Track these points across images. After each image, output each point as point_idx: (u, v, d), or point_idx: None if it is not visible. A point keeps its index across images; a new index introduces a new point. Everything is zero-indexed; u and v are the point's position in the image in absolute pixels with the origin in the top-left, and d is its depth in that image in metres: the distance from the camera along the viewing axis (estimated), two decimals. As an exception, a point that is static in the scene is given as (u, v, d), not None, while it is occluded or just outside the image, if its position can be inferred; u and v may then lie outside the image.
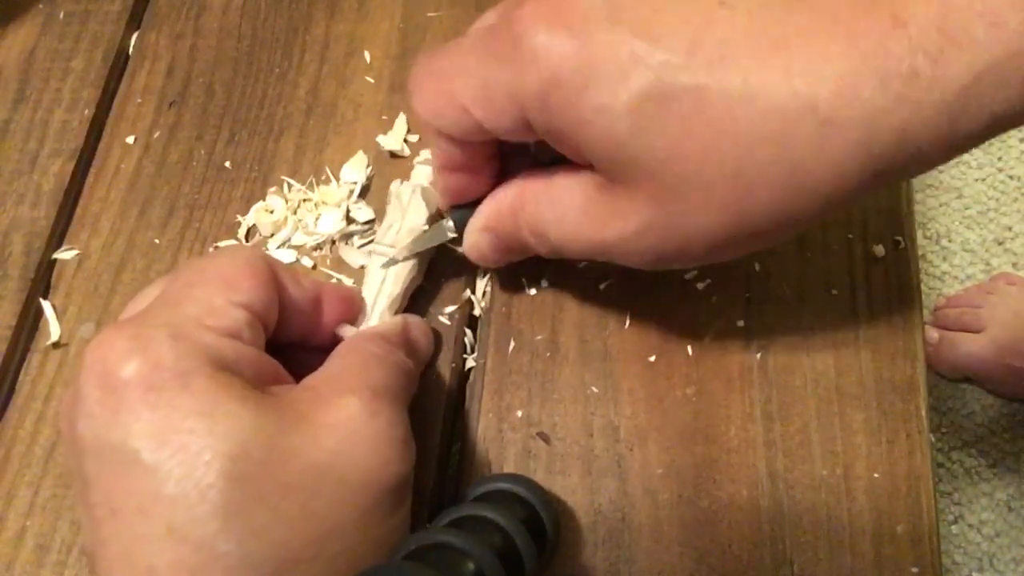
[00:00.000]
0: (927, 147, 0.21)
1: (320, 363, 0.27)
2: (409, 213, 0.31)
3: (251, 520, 0.21)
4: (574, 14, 0.22)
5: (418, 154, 0.36)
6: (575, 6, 0.22)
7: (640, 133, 0.22)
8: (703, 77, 0.21)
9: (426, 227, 0.31)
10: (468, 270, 0.33)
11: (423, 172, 0.34)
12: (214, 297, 0.25)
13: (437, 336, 0.32)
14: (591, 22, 0.22)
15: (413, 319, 0.31)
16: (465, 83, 0.25)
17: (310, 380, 0.26)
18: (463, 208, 0.29)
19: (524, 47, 0.23)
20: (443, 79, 0.25)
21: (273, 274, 0.27)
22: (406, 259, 0.31)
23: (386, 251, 0.31)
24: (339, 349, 0.27)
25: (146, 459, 0.21)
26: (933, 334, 0.96)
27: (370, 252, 0.32)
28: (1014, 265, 1.03)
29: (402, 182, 0.33)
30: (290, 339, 0.28)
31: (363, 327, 0.30)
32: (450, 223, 0.30)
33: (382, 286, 0.31)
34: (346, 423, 0.24)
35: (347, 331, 0.29)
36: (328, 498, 0.23)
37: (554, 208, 0.26)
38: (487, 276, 0.34)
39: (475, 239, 0.29)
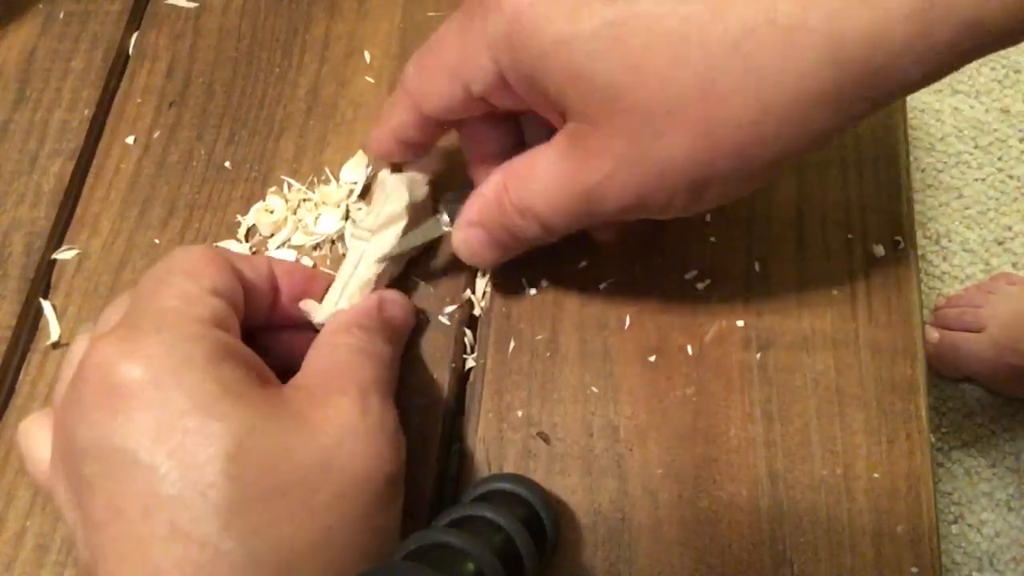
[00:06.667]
0: (900, 58, 0.20)
1: (285, 344, 0.28)
2: (390, 200, 0.31)
3: (252, 518, 0.22)
4: None
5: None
6: None
7: (600, 58, 0.22)
8: None
9: (405, 218, 0.31)
10: (468, 270, 0.33)
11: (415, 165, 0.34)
12: (188, 287, 0.25)
13: (439, 329, 0.32)
14: None
15: (388, 294, 0.30)
16: (449, 48, 0.26)
17: (299, 380, 0.26)
18: (459, 203, 0.29)
19: None
20: (428, 56, 0.27)
21: (229, 260, 0.27)
22: (400, 255, 0.31)
23: (364, 235, 0.31)
24: (317, 342, 0.27)
25: (145, 460, 0.22)
26: (933, 334, 0.96)
27: (350, 235, 0.32)
28: (1014, 265, 1.03)
29: (391, 170, 0.33)
30: (255, 322, 0.28)
31: (330, 306, 0.30)
32: (445, 217, 0.30)
33: (355, 269, 0.31)
34: (340, 422, 0.24)
35: (310, 306, 0.29)
36: (328, 495, 0.23)
37: (535, 176, 0.26)
38: (487, 276, 0.34)
39: (463, 235, 0.29)
